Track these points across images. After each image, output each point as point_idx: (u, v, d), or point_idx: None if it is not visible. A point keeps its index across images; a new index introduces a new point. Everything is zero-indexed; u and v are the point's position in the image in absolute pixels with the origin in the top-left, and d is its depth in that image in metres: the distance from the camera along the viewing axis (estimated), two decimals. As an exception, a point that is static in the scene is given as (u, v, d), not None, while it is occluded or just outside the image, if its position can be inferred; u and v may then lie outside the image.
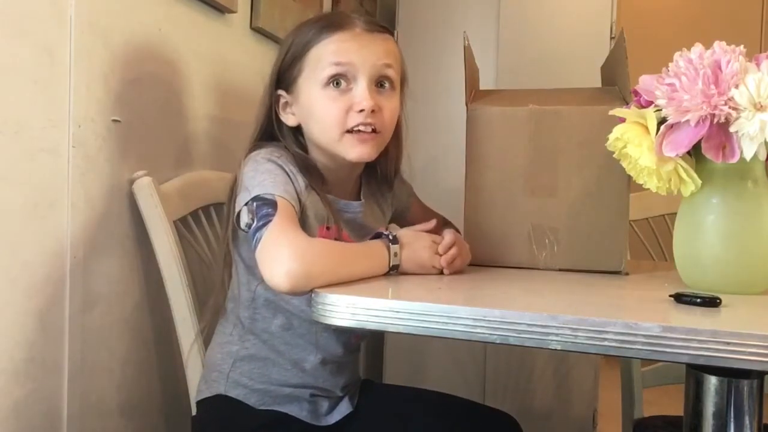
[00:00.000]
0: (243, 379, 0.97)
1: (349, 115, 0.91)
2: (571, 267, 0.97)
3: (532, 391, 2.06)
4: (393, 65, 0.95)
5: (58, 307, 0.94)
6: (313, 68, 0.93)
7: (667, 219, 1.40)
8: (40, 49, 0.89)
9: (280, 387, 0.97)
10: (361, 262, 0.83)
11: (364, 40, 0.93)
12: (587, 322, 0.59)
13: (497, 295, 0.81)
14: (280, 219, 0.83)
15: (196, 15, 1.24)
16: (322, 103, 0.92)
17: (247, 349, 0.98)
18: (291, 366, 0.97)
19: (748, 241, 0.77)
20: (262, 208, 0.84)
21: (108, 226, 1.02)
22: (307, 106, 0.94)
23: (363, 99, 0.90)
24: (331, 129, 0.92)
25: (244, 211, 0.87)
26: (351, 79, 0.92)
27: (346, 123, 0.91)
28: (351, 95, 0.91)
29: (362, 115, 0.91)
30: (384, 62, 0.93)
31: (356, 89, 0.91)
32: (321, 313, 0.69)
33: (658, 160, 0.75)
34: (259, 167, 0.90)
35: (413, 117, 1.06)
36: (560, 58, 2.03)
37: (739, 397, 0.70)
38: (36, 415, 0.90)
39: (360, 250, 0.86)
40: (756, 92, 0.70)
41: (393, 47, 0.97)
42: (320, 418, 0.99)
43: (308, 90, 0.93)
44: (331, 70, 0.91)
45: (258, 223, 0.82)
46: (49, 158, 0.91)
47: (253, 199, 0.86)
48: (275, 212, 0.83)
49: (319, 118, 0.93)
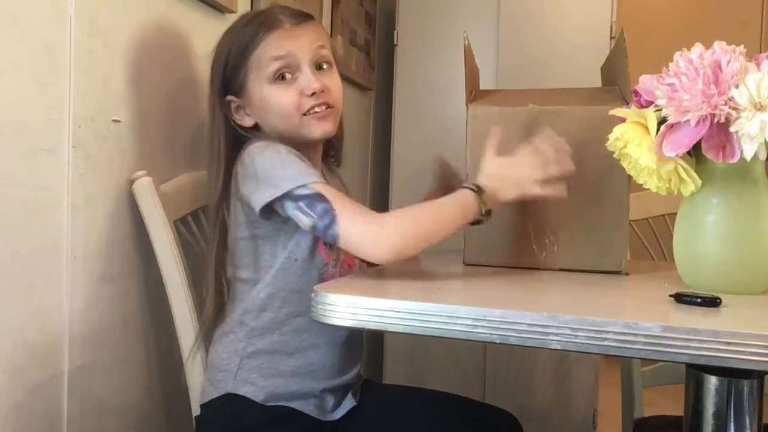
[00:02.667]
0: (251, 376, 0.97)
1: (302, 100, 0.98)
2: (571, 267, 0.97)
3: (532, 391, 2.06)
4: (325, 45, 1.03)
5: (58, 307, 0.94)
6: (258, 69, 0.99)
7: (667, 219, 1.40)
8: (40, 49, 0.89)
9: (288, 381, 0.98)
10: (453, 218, 0.88)
11: (295, 32, 1.00)
12: (587, 322, 0.59)
13: (497, 295, 0.81)
14: (340, 205, 0.87)
15: (196, 15, 1.24)
16: (275, 97, 0.99)
17: (254, 345, 0.98)
18: (299, 356, 0.98)
19: (748, 241, 0.77)
20: (314, 205, 0.87)
21: (108, 226, 1.02)
22: (262, 104, 1.00)
23: (310, 82, 0.98)
24: (290, 116, 0.99)
25: (295, 214, 0.88)
26: (294, 68, 0.99)
27: (302, 107, 0.99)
28: (298, 83, 0.99)
29: (314, 97, 0.98)
30: (318, 44, 1.01)
31: (301, 77, 0.99)
32: (321, 313, 0.69)
33: (658, 160, 0.75)
34: (273, 158, 0.93)
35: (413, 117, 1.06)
36: (560, 58, 2.03)
37: (739, 397, 0.70)
38: (36, 415, 0.90)
39: (449, 205, 0.89)
40: (756, 92, 0.70)
41: (320, 30, 1.06)
42: (326, 414, 1.01)
43: (259, 89, 1.00)
44: (274, 65, 0.98)
45: (323, 221, 0.86)
46: (49, 158, 0.91)
47: (293, 198, 0.88)
48: (328, 201, 0.87)
49: (276, 110, 1.00)
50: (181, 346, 1.05)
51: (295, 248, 0.97)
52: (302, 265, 0.97)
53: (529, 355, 2.05)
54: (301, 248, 0.97)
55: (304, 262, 0.97)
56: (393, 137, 2.19)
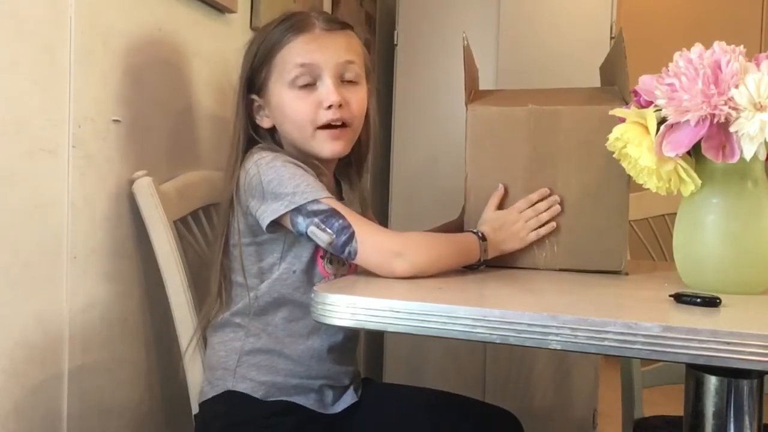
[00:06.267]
0: (250, 372, 0.98)
1: (319, 112, 0.96)
2: (571, 267, 0.97)
3: (532, 391, 2.06)
4: (355, 60, 0.99)
5: (58, 307, 0.94)
6: (280, 71, 0.97)
7: (667, 219, 1.40)
8: (40, 49, 0.89)
9: (287, 378, 0.98)
10: (459, 255, 0.91)
11: (325, 39, 0.97)
12: (587, 322, 0.59)
13: (497, 295, 0.81)
14: (356, 221, 0.87)
15: (196, 15, 1.24)
16: (291, 104, 0.97)
17: (252, 344, 0.99)
18: (296, 356, 0.99)
19: (748, 241, 0.77)
20: (330, 221, 0.87)
21: (108, 226, 1.02)
22: (279, 108, 0.99)
23: (329, 94, 0.95)
24: (303, 127, 0.97)
25: (312, 231, 0.88)
26: (316, 77, 0.96)
27: (317, 120, 0.96)
28: (317, 93, 0.96)
29: (331, 111, 0.95)
30: (345, 59, 0.98)
31: (321, 87, 0.96)
32: (321, 313, 0.69)
33: (658, 160, 0.75)
34: (281, 171, 0.91)
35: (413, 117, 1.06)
36: (560, 58, 2.03)
37: (739, 397, 0.70)
38: (36, 415, 0.90)
39: (459, 243, 0.92)
40: (756, 92, 0.70)
41: (353, 42, 1.01)
42: (326, 407, 1.01)
43: (278, 92, 0.98)
44: (296, 71, 0.96)
45: (341, 237, 0.86)
46: (49, 158, 0.91)
47: (306, 214, 0.88)
48: (344, 218, 0.87)
49: (291, 117, 0.98)
50: (181, 346, 1.05)
51: (294, 260, 0.97)
52: (300, 276, 0.98)
53: (529, 356, 2.05)
54: (301, 261, 0.97)
55: (302, 274, 0.98)
56: (393, 137, 2.19)
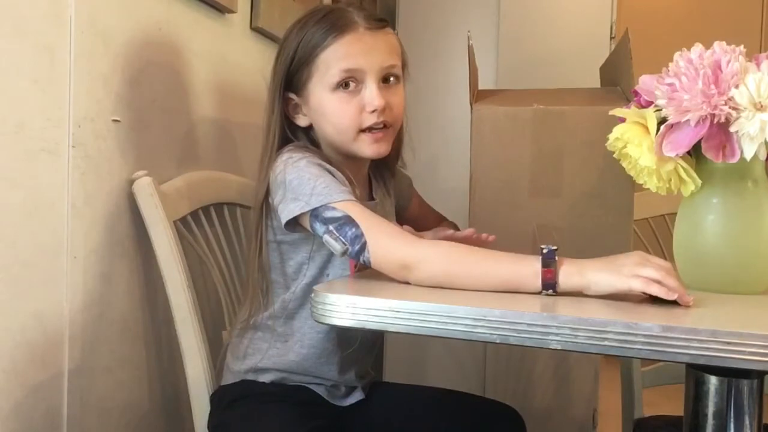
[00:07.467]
0: (270, 368, 1.00)
1: (362, 115, 0.95)
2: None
3: (532, 391, 2.06)
4: (397, 63, 0.98)
5: (58, 307, 0.94)
6: (323, 73, 0.95)
7: (667, 219, 1.40)
8: (40, 49, 0.89)
9: (302, 376, 1.01)
10: (497, 277, 0.75)
11: (368, 41, 0.95)
12: (587, 322, 0.60)
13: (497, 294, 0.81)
14: (371, 228, 0.83)
15: (196, 15, 1.24)
16: (334, 106, 0.95)
17: (277, 348, 1.01)
18: (319, 365, 1.01)
19: (748, 241, 0.77)
20: (344, 230, 0.84)
21: (108, 226, 1.02)
22: (319, 109, 0.97)
23: (374, 99, 0.94)
24: (346, 130, 0.95)
25: (326, 239, 0.86)
26: (359, 80, 0.95)
27: (361, 123, 0.95)
28: (361, 96, 0.95)
29: (374, 114, 0.94)
30: (389, 63, 0.96)
31: (365, 90, 0.94)
32: (321, 313, 0.69)
33: (658, 160, 0.75)
34: (303, 172, 0.90)
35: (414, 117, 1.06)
36: (560, 58, 2.03)
37: (739, 397, 0.70)
38: (36, 415, 0.90)
39: (504, 262, 0.77)
40: (756, 92, 0.70)
41: (394, 42, 1.00)
42: (337, 399, 1.04)
43: (319, 93, 0.96)
44: (340, 76, 0.94)
45: (354, 247, 0.83)
46: (49, 158, 0.91)
47: (322, 220, 0.86)
48: (358, 225, 0.83)
49: (333, 120, 0.96)
50: (181, 346, 1.05)
51: (327, 265, 0.98)
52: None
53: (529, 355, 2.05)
54: (334, 267, 0.98)
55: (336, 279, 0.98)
56: (393, 137, 2.18)
